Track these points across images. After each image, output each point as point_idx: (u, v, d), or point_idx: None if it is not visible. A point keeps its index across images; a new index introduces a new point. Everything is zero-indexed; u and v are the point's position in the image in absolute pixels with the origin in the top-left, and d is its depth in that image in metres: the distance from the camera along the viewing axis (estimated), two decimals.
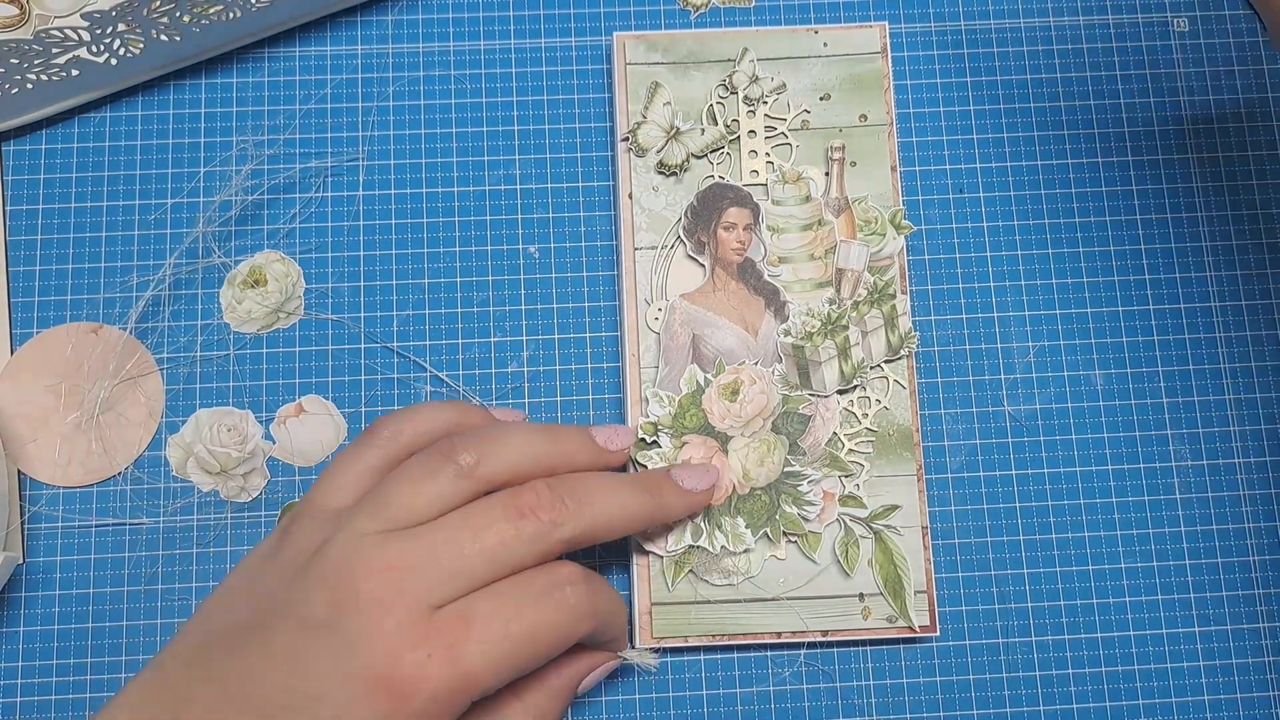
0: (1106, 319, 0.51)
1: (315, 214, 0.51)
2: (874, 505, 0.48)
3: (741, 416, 0.48)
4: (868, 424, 0.48)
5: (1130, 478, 0.50)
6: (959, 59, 0.54)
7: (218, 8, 0.49)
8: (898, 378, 0.49)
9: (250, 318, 0.50)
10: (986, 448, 0.50)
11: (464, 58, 0.53)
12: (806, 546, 0.47)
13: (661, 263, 0.49)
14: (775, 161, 0.50)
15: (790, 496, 0.47)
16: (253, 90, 0.53)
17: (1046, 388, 0.51)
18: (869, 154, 0.50)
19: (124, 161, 0.51)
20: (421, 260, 0.51)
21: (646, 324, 0.49)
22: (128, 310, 0.50)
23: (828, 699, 0.48)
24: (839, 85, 0.51)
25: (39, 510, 0.49)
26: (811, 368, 0.48)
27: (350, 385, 0.50)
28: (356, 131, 0.52)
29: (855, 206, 0.49)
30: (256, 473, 0.49)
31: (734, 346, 0.48)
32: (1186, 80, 0.54)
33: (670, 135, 0.50)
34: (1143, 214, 0.52)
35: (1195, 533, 0.50)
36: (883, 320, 0.48)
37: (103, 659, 0.48)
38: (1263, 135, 0.53)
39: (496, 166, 0.52)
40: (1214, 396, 0.51)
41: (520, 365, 0.50)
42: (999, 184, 0.53)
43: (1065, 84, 0.54)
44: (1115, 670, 0.49)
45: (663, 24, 0.54)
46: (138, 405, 0.49)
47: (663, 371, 0.48)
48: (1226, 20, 0.54)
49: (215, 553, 0.49)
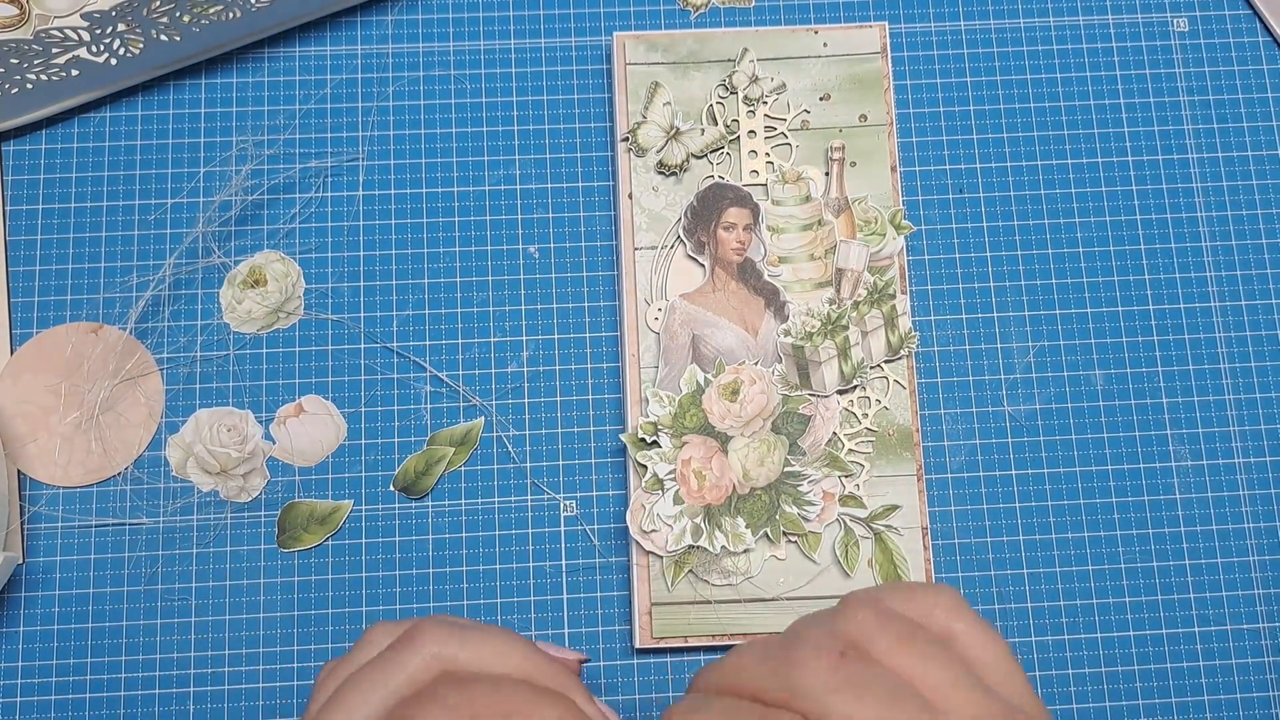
0: (1106, 319, 0.51)
1: (315, 214, 0.51)
2: (874, 505, 0.48)
3: (742, 416, 0.48)
4: (868, 424, 0.48)
5: (1130, 478, 0.50)
6: (959, 59, 0.54)
7: (218, 8, 0.49)
8: (897, 378, 0.49)
9: (250, 318, 0.50)
10: (986, 448, 0.50)
11: (464, 58, 0.53)
12: (806, 546, 0.47)
13: (661, 263, 0.49)
14: (775, 161, 0.50)
15: (790, 496, 0.47)
16: (253, 90, 0.53)
17: (1046, 388, 0.51)
18: (869, 154, 0.50)
19: (124, 161, 0.51)
20: (421, 260, 0.51)
21: (646, 324, 0.49)
22: (127, 310, 0.50)
23: None
24: (839, 85, 0.51)
25: (39, 510, 0.49)
26: (811, 368, 0.48)
27: (350, 385, 0.50)
28: (356, 131, 0.52)
29: (855, 206, 0.49)
30: (256, 473, 0.49)
31: (734, 346, 0.48)
32: (1186, 80, 0.54)
33: (670, 135, 0.50)
34: (1143, 214, 0.52)
35: (1195, 533, 0.50)
36: (882, 320, 0.48)
37: (102, 659, 0.48)
38: (1263, 135, 0.53)
39: (496, 166, 0.52)
40: (1214, 396, 0.51)
41: (520, 365, 0.50)
42: (999, 184, 0.53)
43: (1065, 84, 0.54)
44: (1115, 670, 0.49)
45: (663, 24, 0.54)
46: (137, 405, 0.49)
47: (662, 371, 0.48)
48: (1226, 20, 0.54)
49: (215, 553, 0.49)
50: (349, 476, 0.49)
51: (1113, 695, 0.48)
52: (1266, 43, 0.54)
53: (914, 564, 0.47)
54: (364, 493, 0.49)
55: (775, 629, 0.47)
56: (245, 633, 0.48)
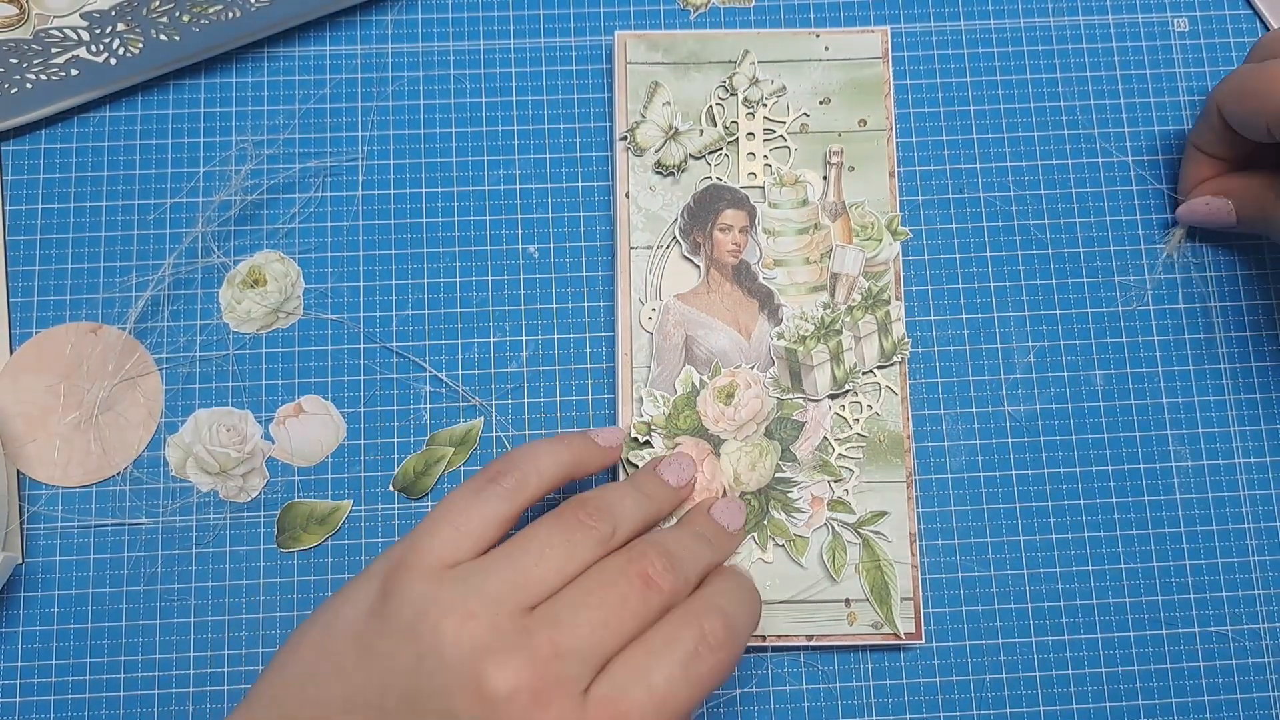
0: (1106, 319, 0.51)
1: (315, 214, 0.52)
2: (862, 511, 0.48)
3: (736, 420, 0.48)
4: (858, 429, 0.48)
5: (1130, 478, 0.50)
6: (959, 59, 0.54)
7: (217, 8, 0.49)
8: (890, 383, 0.48)
9: (250, 317, 0.50)
10: (986, 448, 0.50)
11: (464, 58, 0.53)
12: (794, 551, 0.47)
13: (657, 262, 0.49)
14: (773, 164, 0.50)
15: (780, 503, 0.47)
16: (252, 90, 0.53)
17: (1046, 388, 0.51)
18: (867, 159, 0.50)
19: (123, 161, 0.52)
20: (421, 260, 0.51)
21: (640, 323, 0.49)
22: (127, 310, 0.50)
23: (827, 700, 0.48)
24: (839, 89, 0.51)
25: (39, 510, 0.49)
26: (804, 371, 0.48)
27: (350, 385, 0.50)
28: (356, 131, 0.52)
29: (852, 211, 0.49)
30: (256, 473, 0.49)
31: (727, 348, 0.48)
32: (1186, 80, 0.54)
33: (669, 135, 0.50)
34: (1143, 214, 0.52)
35: (1195, 533, 0.50)
36: (876, 326, 0.48)
37: (102, 659, 0.48)
38: None
39: (496, 166, 0.52)
40: (1214, 396, 0.51)
41: (520, 365, 0.51)
42: (999, 184, 0.52)
43: (1065, 84, 0.53)
44: (1115, 670, 0.49)
45: (662, 24, 0.54)
46: (137, 405, 0.49)
47: (655, 371, 0.48)
48: (1226, 20, 0.54)
49: (214, 553, 0.49)
50: (348, 477, 0.49)
51: (1113, 695, 0.48)
52: None
53: (901, 571, 0.47)
54: (363, 493, 0.49)
55: (761, 633, 0.47)
56: (245, 633, 0.48)
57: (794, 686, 0.48)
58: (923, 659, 0.48)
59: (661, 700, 0.36)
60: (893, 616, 0.47)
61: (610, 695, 0.36)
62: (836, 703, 0.48)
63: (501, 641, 0.36)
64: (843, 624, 0.47)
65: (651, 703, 0.36)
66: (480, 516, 0.39)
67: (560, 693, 0.35)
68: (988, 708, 0.48)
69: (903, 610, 0.47)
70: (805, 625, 0.47)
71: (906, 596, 0.47)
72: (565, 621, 0.37)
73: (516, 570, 0.38)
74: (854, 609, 0.47)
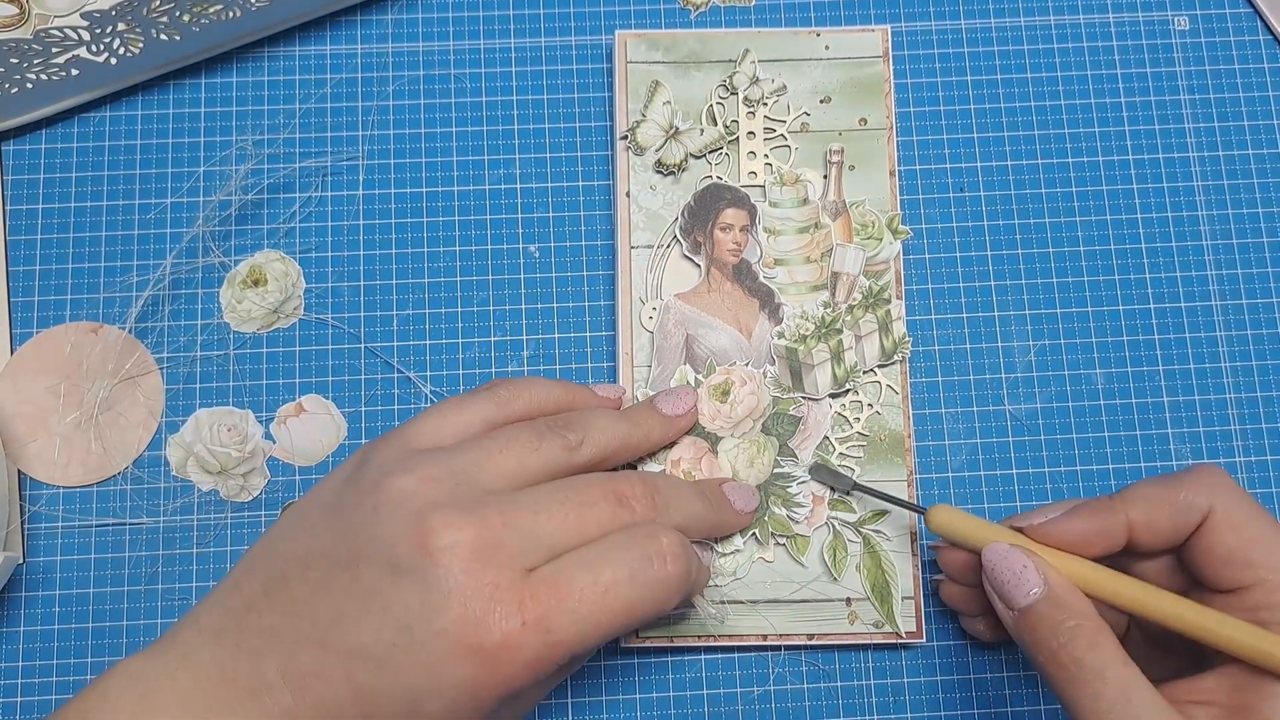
0: (1106, 319, 0.51)
1: (315, 213, 0.52)
2: (863, 510, 0.48)
3: (732, 417, 0.47)
4: (859, 428, 0.48)
5: (1130, 477, 0.50)
6: (959, 58, 0.54)
7: (217, 7, 0.49)
8: (890, 383, 0.48)
9: (250, 317, 0.50)
10: (987, 446, 0.50)
11: (464, 57, 0.53)
12: (795, 549, 0.47)
13: (657, 262, 0.49)
14: (774, 163, 0.50)
15: (780, 498, 0.47)
16: (252, 90, 0.53)
17: (1046, 387, 0.51)
18: (868, 158, 0.50)
19: (123, 161, 0.52)
20: (421, 260, 0.51)
21: (640, 323, 0.49)
22: (127, 310, 0.50)
23: (827, 699, 0.48)
24: (840, 88, 0.51)
25: (39, 510, 0.49)
26: (804, 370, 0.48)
27: (350, 385, 0.50)
28: (356, 131, 0.52)
29: (852, 210, 0.49)
30: (256, 472, 0.49)
31: (727, 347, 0.48)
32: (1187, 79, 0.54)
33: (669, 134, 0.50)
34: (1143, 213, 0.52)
35: None
36: (877, 325, 0.48)
37: (103, 659, 0.48)
38: (1263, 134, 0.53)
39: (496, 166, 0.52)
40: (1214, 396, 0.51)
41: (520, 365, 0.51)
42: (999, 184, 0.52)
43: (1066, 83, 0.53)
44: None
45: (662, 23, 0.54)
46: (137, 405, 0.49)
47: (655, 370, 0.48)
48: (1227, 20, 0.54)
49: (215, 552, 0.49)
50: None
51: None
52: (1267, 41, 0.54)
53: (902, 570, 0.47)
54: None
55: (762, 631, 0.47)
56: None
57: (795, 685, 0.48)
58: (924, 658, 0.48)
59: (604, 591, 0.37)
60: (894, 616, 0.47)
61: (552, 576, 0.37)
62: (837, 702, 0.48)
63: (454, 501, 0.37)
64: (844, 623, 0.47)
65: (594, 591, 0.37)
66: (468, 413, 0.42)
67: (501, 557, 0.36)
68: (988, 707, 0.48)
69: (904, 609, 0.47)
70: (806, 624, 0.47)
71: (908, 596, 0.47)
72: (524, 505, 0.38)
73: (482, 453, 0.40)
74: (855, 608, 0.47)
